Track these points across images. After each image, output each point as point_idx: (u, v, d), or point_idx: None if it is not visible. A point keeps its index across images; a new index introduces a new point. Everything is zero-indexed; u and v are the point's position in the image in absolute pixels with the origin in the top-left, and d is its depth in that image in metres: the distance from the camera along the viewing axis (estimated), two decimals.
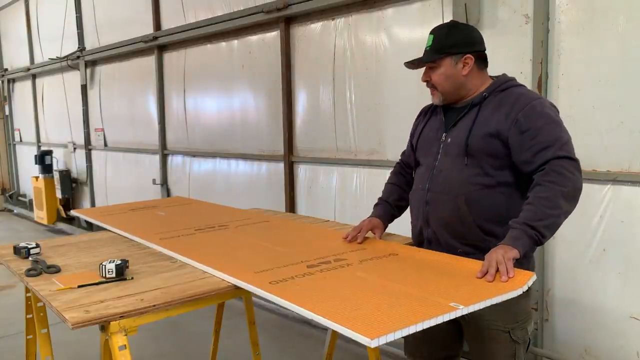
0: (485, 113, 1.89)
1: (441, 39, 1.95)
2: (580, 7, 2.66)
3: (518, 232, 1.71)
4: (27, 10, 8.77)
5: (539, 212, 1.71)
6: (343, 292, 1.62)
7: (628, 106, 2.53)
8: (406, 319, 1.39)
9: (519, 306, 1.89)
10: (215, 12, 4.94)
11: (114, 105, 6.90)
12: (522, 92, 1.91)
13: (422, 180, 2.04)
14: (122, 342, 1.56)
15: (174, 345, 3.87)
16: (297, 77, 4.29)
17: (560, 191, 1.72)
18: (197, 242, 2.34)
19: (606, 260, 2.66)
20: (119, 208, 3.23)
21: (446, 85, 1.95)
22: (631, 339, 2.61)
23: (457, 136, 1.93)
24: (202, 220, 2.71)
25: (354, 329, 1.32)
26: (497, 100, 1.89)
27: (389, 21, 3.55)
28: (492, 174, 1.87)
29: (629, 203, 2.57)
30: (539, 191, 1.74)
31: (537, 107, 1.82)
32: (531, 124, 1.79)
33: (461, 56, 1.92)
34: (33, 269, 1.97)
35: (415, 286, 1.65)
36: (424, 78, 2.00)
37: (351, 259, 1.95)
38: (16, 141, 10.05)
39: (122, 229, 2.60)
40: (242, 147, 4.94)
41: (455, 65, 1.92)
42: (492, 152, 1.85)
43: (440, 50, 1.94)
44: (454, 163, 1.92)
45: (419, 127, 2.17)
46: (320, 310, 1.46)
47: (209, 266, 1.93)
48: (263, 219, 2.74)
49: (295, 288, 1.67)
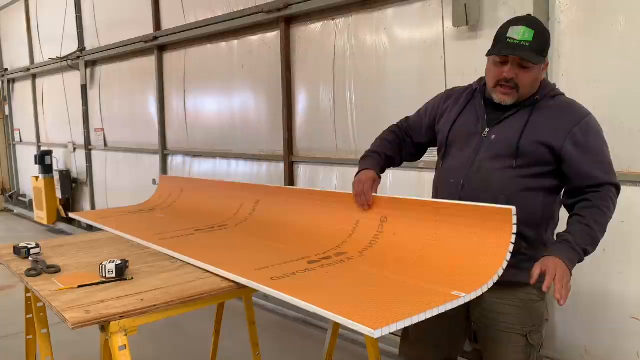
0: (538, 118, 1.82)
1: (544, 38, 1.82)
2: (580, 7, 2.66)
3: (574, 255, 1.70)
4: (27, 10, 8.77)
5: (594, 238, 1.73)
6: (344, 286, 1.63)
7: (628, 106, 2.53)
8: (408, 310, 1.39)
9: (536, 309, 1.90)
10: (215, 12, 4.94)
11: (114, 106, 6.90)
12: (573, 104, 1.87)
13: (454, 174, 1.93)
14: (122, 342, 1.56)
15: (174, 345, 3.87)
16: (297, 77, 4.29)
17: (607, 220, 1.76)
18: (196, 242, 2.33)
19: (606, 260, 2.66)
20: (118, 211, 3.22)
21: (529, 90, 1.84)
22: (631, 339, 2.61)
23: (504, 135, 1.85)
24: (201, 221, 2.70)
25: (357, 320, 1.32)
26: (549, 107, 1.84)
27: (389, 21, 3.55)
28: (536, 177, 1.83)
29: (629, 203, 2.57)
30: (597, 214, 1.74)
31: (592, 124, 1.82)
32: (587, 140, 1.78)
33: (545, 60, 1.84)
34: (33, 269, 1.97)
35: (416, 276, 1.64)
36: (510, 75, 1.79)
37: (351, 252, 1.93)
38: (16, 141, 10.06)
39: (122, 230, 2.60)
40: (242, 147, 4.94)
41: (540, 70, 1.84)
42: (542, 159, 1.81)
43: (543, 52, 1.81)
44: (499, 162, 1.84)
45: (449, 113, 2.03)
46: (322, 303, 1.46)
47: (210, 264, 1.93)
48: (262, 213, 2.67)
49: (297, 283, 1.67)
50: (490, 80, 1.87)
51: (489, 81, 1.89)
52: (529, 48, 1.76)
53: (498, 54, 1.80)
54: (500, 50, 1.79)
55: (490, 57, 1.86)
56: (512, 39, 1.77)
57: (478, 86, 2.00)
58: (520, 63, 1.78)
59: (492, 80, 1.86)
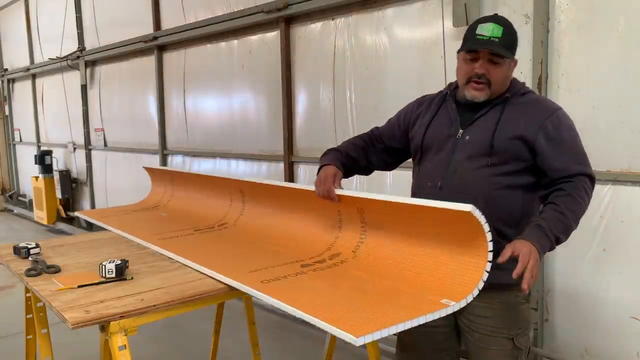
0: (510, 115, 1.83)
1: (513, 35, 1.85)
2: (580, 7, 2.66)
3: (547, 242, 1.65)
4: (27, 10, 8.77)
5: (568, 226, 1.70)
6: (333, 291, 1.63)
7: (628, 106, 2.53)
8: (394, 318, 1.38)
9: (521, 312, 1.88)
10: (215, 12, 4.94)
11: (113, 105, 6.90)
12: (543, 100, 1.90)
13: (432, 177, 1.92)
14: (122, 342, 1.56)
15: (174, 345, 3.87)
16: (297, 77, 4.29)
17: (582, 210, 1.74)
18: (194, 242, 2.34)
19: (606, 260, 2.66)
20: (120, 209, 3.22)
21: (501, 86, 1.85)
22: (631, 339, 2.61)
23: (478, 134, 1.85)
24: (201, 220, 2.70)
25: (340, 327, 1.32)
26: (520, 103, 1.85)
27: (389, 21, 3.55)
28: (513, 175, 1.82)
29: (629, 203, 2.57)
30: (570, 203, 1.72)
31: (563, 118, 1.83)
32: (558, 132, 1.79)
33: (514, 58, 1.87)
34: (33, 269, 1.97)
35: (408, 282, 1.64)
36: (482, 71, 1.81)
37: (345, 253, 1.92)
38: (16, 141, 10.06)
39: (122, 229, 2.60)
40: (242, 147, 4.94)
41: (510, 66, 1.86)
42: (517, 155, 1.80)
43: (512, 48, 1.84)
44: (474, 162, 1.84)
45: (422, 119, 2.04)
46: (308, 308, 1.46)
47: (205, 266, 1.93)
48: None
49: (286, 287, 1.68)
50: (462, 77, 1.88)
51: (460, 79, 1.90)
52: (498, 43, 1.78)
53: (469, 49, 1.82)
54: (471, 45, 1.81)
55: (461, 55, 1.87)
56: (481, 36, 1.79)
57: (448, 90, 2.01)
58: (491, 59, 1.80)
59: (463, 77, 1.87)
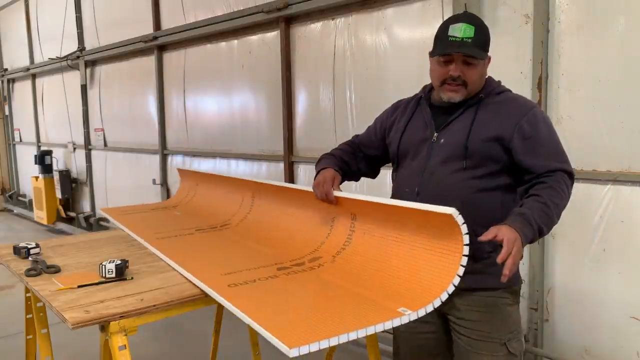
0: (484, 116, 1.80)
1: (485, 34, 1.81)
2: (580, 7, 2.66)
3: (530, 232, 1.58)
4: (27, 10, 8.77)
5: (550, 218, 1.64)
6: (297, 296, 1.63)
7: (628, 106, 2.53)
8: (342, 327, 1.37)
9: (511, 315, 1.85)
10: (215, 12, 4.94)
11: (113, 105, 6.90)
12: (518, 98, 1.87)
13: (409, 183, 1.89)
14: (122, 342, 1.56)
15: (174, 345, 3.87)
16: (297, 77, 4.29)
17: (563, 204, 1.69)
18: (189, 242, 2.35)
19: (606, 260, 2.66)
20: (140, 208, 3.26)
21: (476, 85, 1.82)
22: (631, 339, 2.61)
23: (452, 137, 1.82)
24: (207, 220, 2.71)
25: (278, 336, 1.31)
26: (494, 103, 1.82)
27: (389, 21, 3.55)
28: (489, 177, 1.78)
29: (629, 203, 2.57)
30: (552, 195, 1.66)
31: (539, 115, 1.79)
32: (535, 131, 1.75)
33: (487, 55, 1.83)
34: (33, 269, 1.97)
35: (373, 287, 1.62)
36: (457, 73, 1.77)
37: (325, 256, 1.92)
38: (16, 141, 10.05)
39: (128, 227, 2.62)
40: (242, 147, 4.94)
41: (484, 65, 1.82)
42: (492, 156, 1.77)
43: (485, 47, 1.80)
44: (450, 165, 1.80)
45: (397, 124, 2.02)
46: (257, 314, 1.46)
47: (181, 267, 1.95)
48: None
49: (250, 291, 1.68)
50: (436, 80, 1.84)
51: (434, 81, 1.86)
52: (471, 44, 1.74)
53: (442, 53, 1.78)
54: (444, 49, 1.77)
55: (434, 58, 1.84)
56: (454, 37, 1.75)
57: (423, 94, 1.99)
58: (465, 60, 1.76)
59: (437, 79, 1.83)
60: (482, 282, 1.77)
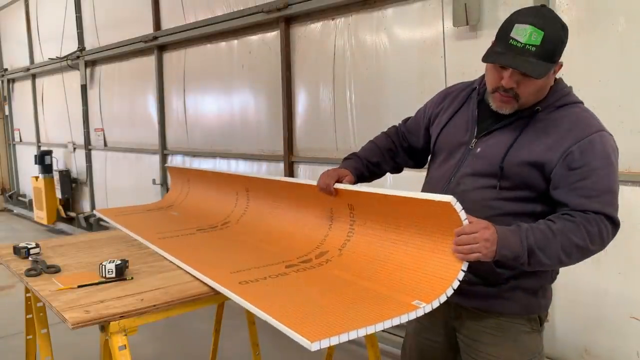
0: (531, 134, 1.55)
1: (557, 40, 1.49)
2: (580, 7, 2.66)
3: (516, 243, 1.42)
4: (27, 10, 8.77)
5: (551, 246, 1.43)
6: (308, 293, 1.63)
7: (628, 106, 2.53)
8: (358, 322, 1.37)
9: (526, 342, 1.67)
10: (215, 12, 4.94)
11: (113, 105, 6.90)
12: (582, 117, 1.55)
13: (434, 188, 1.70)
14: (122, 342, 1.56)
15: (174, 345, 3.87)
16: (297, 77, 4.29)
17: (586, 248, 1.46)
18: (192, 242, 2.35)
19: (606, 260, 2.65)
20: (137, 208, 3.26)
21: (533, 99, 1.56)
22: (631, 339, 2.61)
23: (490, 150, 1.60)
24: (206, 219, 2.71)
25: (298, 331, 1.31)
26: (550, 119, 1.55)
27: (389, 21, 3.55)
28: (523, 202, 1.57)
29: (629, 203, 2.57)
30: (571, 231, 1.44)
31: (597, 144, 1.49)
32: (585, 162, 1.47)
33: (554, 66, 1.53)
34: (33, 269, 1.97)
35: (385, 282, 1.62)
36: (509, 84, 1.51)
37: (332, 251, 1.92)
38: (16, 141, 10.05)
39: (129, 228, 2.62)
40: (242, 147, 4.94)
41: (549, 75, 1.53)
42: (528, 182, 1.54)
43: (552, 57, 1.49)
44: (480, 181, 1.60)
45: (442, 115, 1.80)
46: (274, 311, 1.46)
47: (190, 266, 1.95)
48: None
49: (263, 289, 1.68)
50: (489, 85, 1.61)
51: (487, 85, 1.63)
52: (534, 53, 1.45)
53: (494, 62, 1.53)
54: (498, 58, 1.51)
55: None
56: (515, 41, 1.47)
57: (478, 85, 1.75)
58: (525, 75, 1.51)
59: (490, 85, 1.60)
60: (495, 306, 1.65)
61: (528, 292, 1.64)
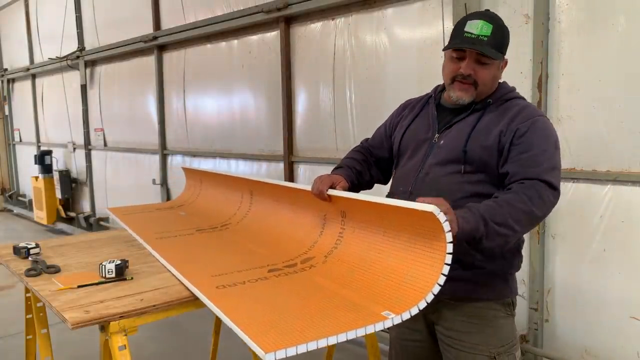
0: (486, 122, 1.73)
1: (503, 36, 1.74)
2: (580, 7, 2.66)
3: (474, 220, 1.50)
4: (27, 10, 8.77)
5: (501, 214, 1.53)
6: (279, 299, 1.61)
7: (628, 106, 2.53)
8: (323, 330, 1.35)
9: (503, 327, 1.77)
10: (215, 12, 4.94)
11: (113, 105, 6.90)
12: (526, 105, 1.76)
13: (404, 182, 1.85)
14: (122, 342, 1.56)
15: (174, 345, 3.87)
16: (297, 77, 4.29)
17: (530, 211, 1.56)
18: (187, 243, 2.35)
19: (606, 260, 2.66)
20: (147, 207, 3.27)
21: (488, 88, 1.76)
22: (631, 339, 2.61)
23: (452, 140, 1.77)
24: (208, 220, 2.71)
25: (255, 340, 1.31)
26: (500, 109, 1.75)
27: (389, 21, 3.55)
28: (485, 184, 1.71)
29: (629, 203, 2.57)
30: (512, 199, 1.56)
31: (540, 124, 1.69)
32: (528, 137, 1.65)
33: (504, 59, 1.77)
34: (33, 269, 1.97)
35: (360, 289, 1.60)
36: (468, 71, 1.72)
37: (318, 257, 1.90)
38: (16, 141, 10.06)
39: (131, 227, 2.63)
40: (242, 147, 4.94)
41: (499, 68, 1.77)
42: (488, 165, 1.70)
43: (502, 47, 1.74)
44: (446, 168, 1.75)
45: (403, 122, 1.98)
46: (239, 317, 1.45)
47: (174, 267, 1.95)
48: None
49: (237, 294, 1.67)
50: (447, 76, 1.79)
51: (445, 77, 1.82)
52: (486, 43, 1.68)
53: (455, 47, 1.73)
54: (457, 44, 1.72)
55: (447, 53, 1.79)
56: (469, 33, 1.70)
57: (433, 93, 1.95)
58: (478, 59, 1.71)
59: (448, 76, 1.78)
60: (471, 292, 1.73)
61: (500, 277, 1.76)
